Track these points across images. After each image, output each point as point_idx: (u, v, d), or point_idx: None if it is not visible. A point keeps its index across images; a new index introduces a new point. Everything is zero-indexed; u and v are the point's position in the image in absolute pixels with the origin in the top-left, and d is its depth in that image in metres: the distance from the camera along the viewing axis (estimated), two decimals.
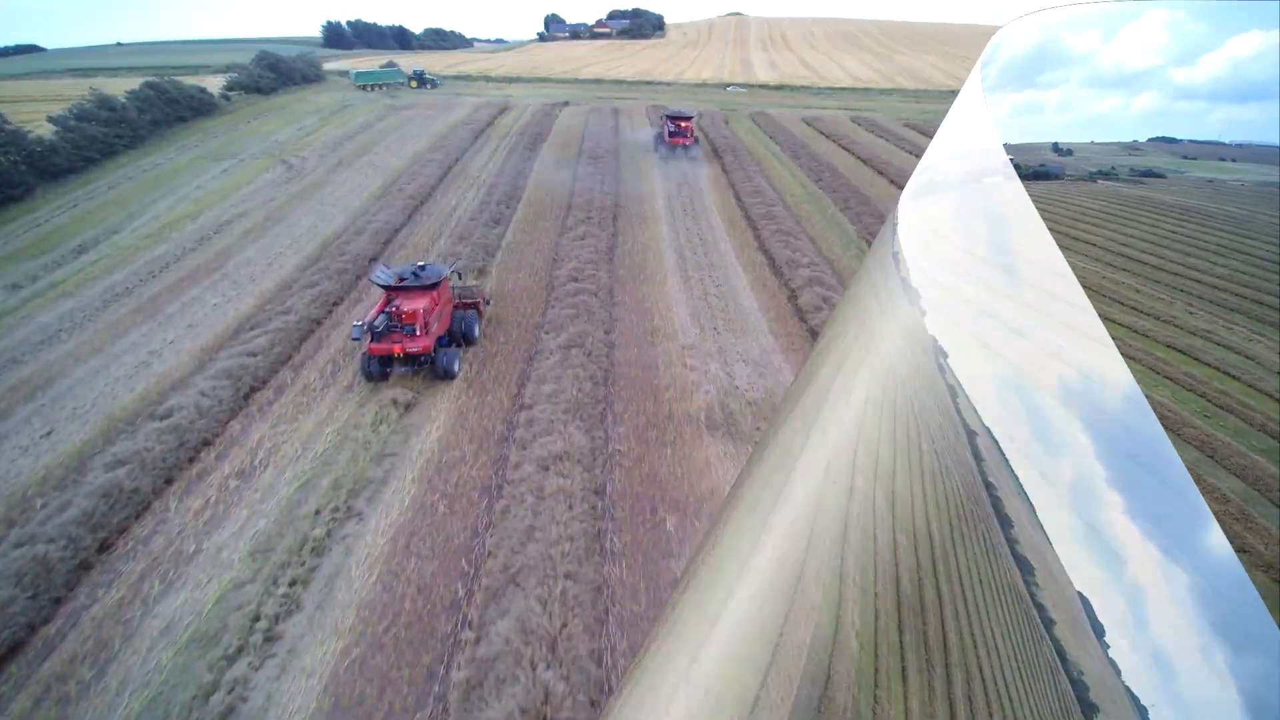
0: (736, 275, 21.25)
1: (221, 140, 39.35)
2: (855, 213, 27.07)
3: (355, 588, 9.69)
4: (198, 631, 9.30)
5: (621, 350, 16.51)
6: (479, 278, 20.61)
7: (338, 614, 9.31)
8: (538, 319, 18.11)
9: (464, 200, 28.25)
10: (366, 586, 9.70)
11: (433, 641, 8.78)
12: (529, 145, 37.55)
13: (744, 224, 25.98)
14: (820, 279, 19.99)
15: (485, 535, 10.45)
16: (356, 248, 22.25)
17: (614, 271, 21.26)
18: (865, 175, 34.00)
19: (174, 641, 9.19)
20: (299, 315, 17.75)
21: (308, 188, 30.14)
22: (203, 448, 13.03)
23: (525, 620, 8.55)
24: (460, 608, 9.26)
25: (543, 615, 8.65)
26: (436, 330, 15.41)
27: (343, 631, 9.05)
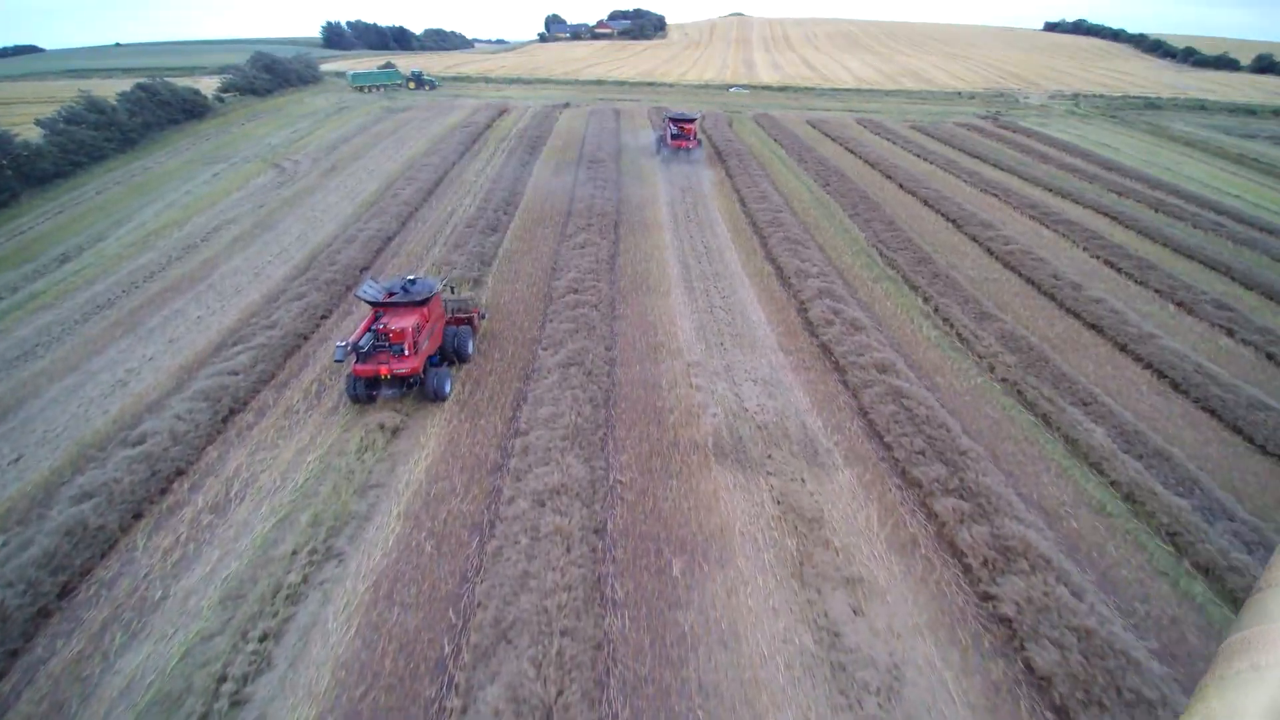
0: (743, 286, 20.37)
1: (214, 143, 38.52)
2: (864, 219, 26.17)
3: (332, 643, 8.82)
4: (160, 692, 8.44)
5: (623, 368, 15.63)
6: (474, 289, 19.75)
7: (311, 674, 8.45)
8: (535, 333, 17.24)
9: (460, 207, 27.39)
10: (344, 642, 8.83)
11: (414, 709, 7.91)
12: (528, 149, 36.68)
13: (750, 231, 25.09)
14: (830, 290, 19.11)
15: (475, 581, 9.58)
16: (347, 257, 21.39)
17: (615, 282, 20.39)
18: (873, 179, 33.09)
19: (134, 704, 8.33)
20: (284, 330, 16.89)
21: (299, 193, 29.29)
22: (176, 478, 12.17)
23: (517, 686, 7.68)
24: (446, 668, 8.38)
25: (536, 680, 7.77)
26: (427, 349, 14.56)
27: (316, 695, 8.18)
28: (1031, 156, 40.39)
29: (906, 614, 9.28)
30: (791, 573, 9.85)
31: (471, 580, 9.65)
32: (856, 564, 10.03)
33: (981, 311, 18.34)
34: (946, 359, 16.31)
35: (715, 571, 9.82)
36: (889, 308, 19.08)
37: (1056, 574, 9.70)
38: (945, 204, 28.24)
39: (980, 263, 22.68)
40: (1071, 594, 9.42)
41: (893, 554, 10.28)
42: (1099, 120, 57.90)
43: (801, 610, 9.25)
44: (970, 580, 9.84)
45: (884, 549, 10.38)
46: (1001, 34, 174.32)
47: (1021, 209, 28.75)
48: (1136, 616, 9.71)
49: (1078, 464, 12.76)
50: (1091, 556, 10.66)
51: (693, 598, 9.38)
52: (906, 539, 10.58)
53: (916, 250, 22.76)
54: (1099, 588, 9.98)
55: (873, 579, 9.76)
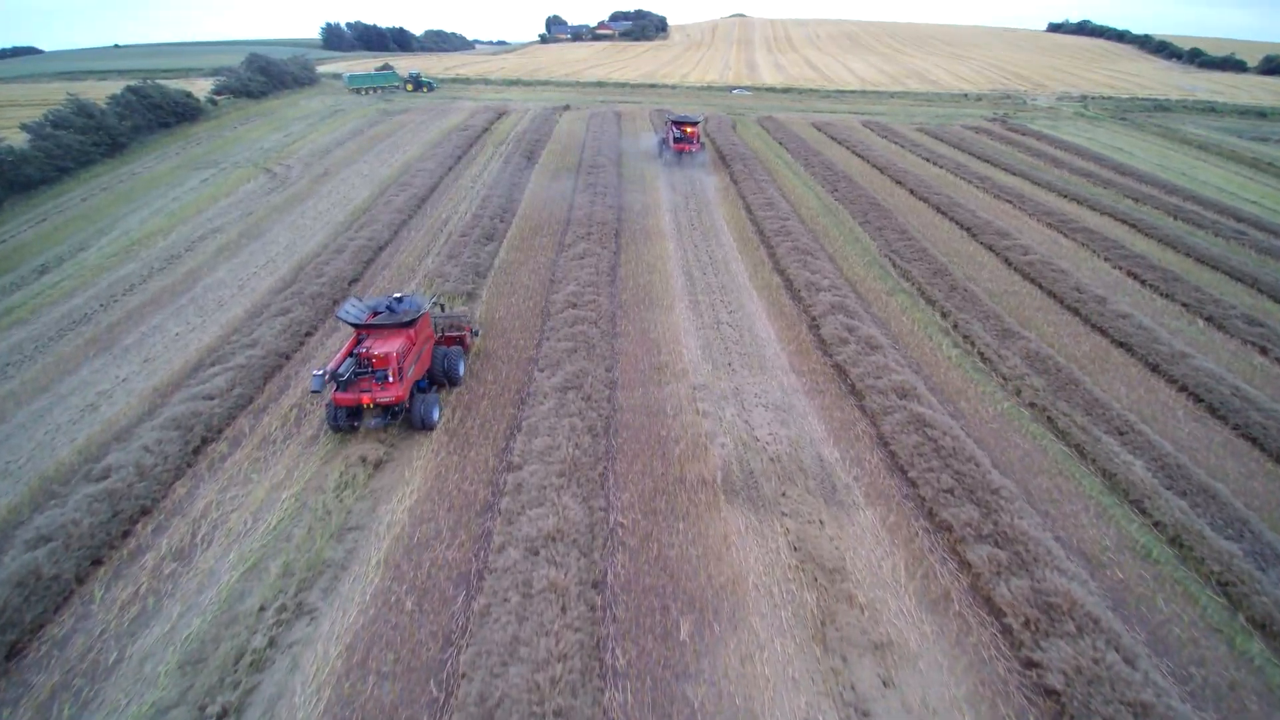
0: (751, 300, 19.38)
1: (205, 147, 37.59)
2: (876, 227, 25.18)
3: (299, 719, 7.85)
4: None
5: (625, 392, 14.65)
6: (468, 303, 18.78)
7: None
8: (531, 352, 16.27)
9: (455, 214, 26.43)
10: (313, 718, 7.86)
11: None
12: (526, 153, 35.71)
13: (757, 240, 24.11)
14: (844, 305, 18.12)
15: (460, 645, 8.60)
16: (335, 269, 20.43)
17: (616, 296, 19.42)
18: (883, 185, 32.10)
19: None
20: (266, 349, 15.92)
21: (289, 200, 28.35)
22: (140, 518, 11.20)
23: None
24: None
25: None
26: (414, 374, 13.60)
27: None
28: (1043, 160, 39.39)
29: (942, 685, 8.29)
30: (813, 635, 8.86)
31: (456, 644, 8.67)
32: (884, 624, 9.04)
33: (1004, 328, 17.34)
34: (970, 381, 15.32)
35: (728, 634, 8.84)
36: (905, 324, 18.08)
37: (1106, 636, 8.70)
38: (959, 211, 27.25)
39: (999, 274, 21.68)
40: (1124, 660, 8.43)
41: (924, 611, 9.29)
42: (1108, 123, 56.89)
43: (825, 681, 8.26)
44: (1011, 644, 8.85)
45: (914, 605, 9.38)
46: (1005, 34, 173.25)
47: (1038, 216, 27.76)
48: (1193, 684, 8.72)
49: (1118, 502, 11.77)
50: (1140, 612, 9.67)
51: (703, 666, 8.39)
52: (938, 593, 9.59)
53: (932, 261, 21.76)
54: (1151, 649, 8.99)
55: (903, 642, 8.77)
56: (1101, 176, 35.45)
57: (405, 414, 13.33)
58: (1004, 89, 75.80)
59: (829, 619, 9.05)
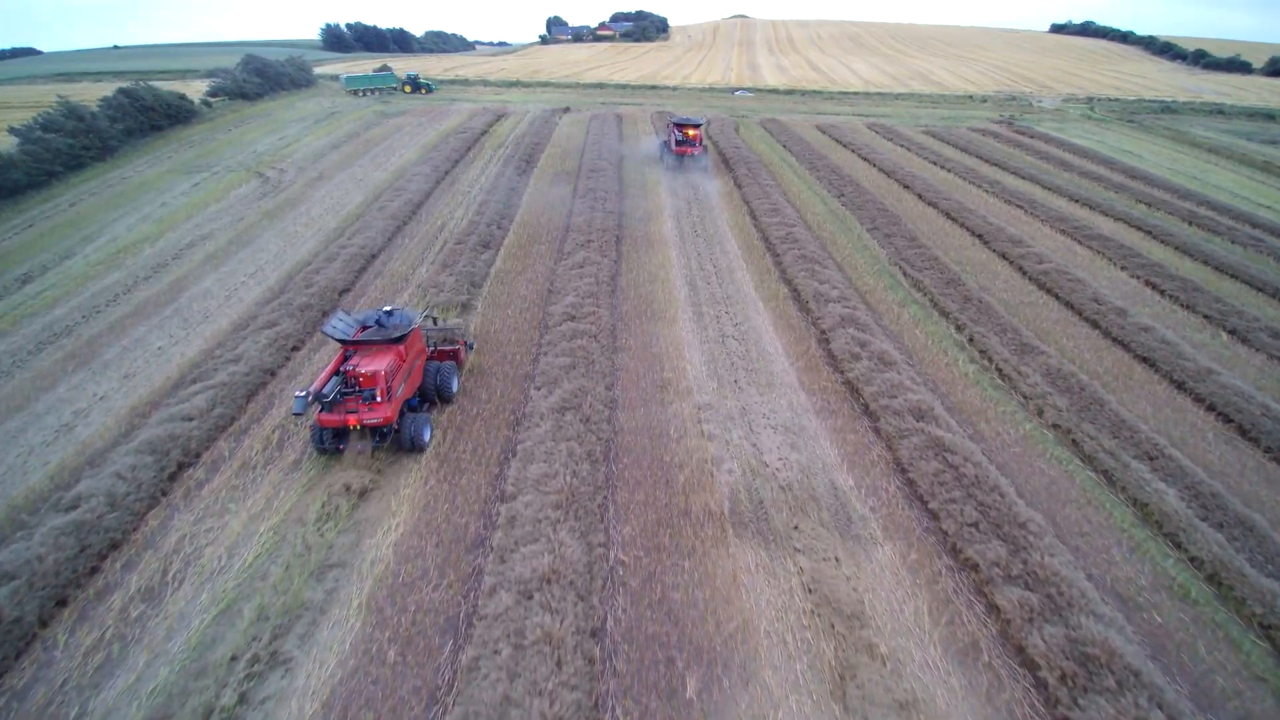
0: (757, 312, 18.65)
1: (197, 150, 36.89)
2: (885, 234, 24.45)
3: None
4: None
5: (625, 412, 13.93)
6: (462, 315, 18.08)
7: None
8: (527, 368, 15.55)
9: (451, 220, 25.71)
10: None
11: None
12: (525, 157, 34.99)
13: (762, 248, 23.38)
14: (854, 318, 17.39)
15: (446, 704, 7.87)
16: (326, 278, 19.72)
17: (617, 307, 18.70)
18: (890, 190, 31.36)
19: None
20: (250, 365, 15.22)
21: (281, 205, 27.64)
22: (109, 552, 10.50)
23: None
24: None
25: None
26: (404, 393, 12.90)
27: None
28: (1052, 164, 38.66)
29: None
30: (831, 691, 8.13)
31: (441, 701, 7.95)
32: (908, 678, 8.30)
33: (1022, 343, 16.61)
34: (989, 401, 14.58)
35: (738, 690, 8.10)
36: (919, 338, 17.35)
37: (1148, 691, 7.98)
38: (970, 217, 26.51)
39: (1013, 284, 20.94)
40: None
41: (951, 663, 8.55)
42: (1116, 125, 56.14)
43: None
44: (1047, 701, 8.12)
45: (940, 655, 8.65)
46: (1008, 36, 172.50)
47: (1050, 222, 27.02)
48: None
49: (1151, 535, 11.04)
50: (1181, 661, 8.93)
51: None
52: (966, 642, 8.86)
53: (944, 270, 21.03)
54: (1195, 705, 8.26)
55: (930, 700, 8.03)
56: (1112, 181, 34.70)
57: (394, 435, 12.63)
58: (1009, 91, 75.04)
59: (849, 673, 8.32)
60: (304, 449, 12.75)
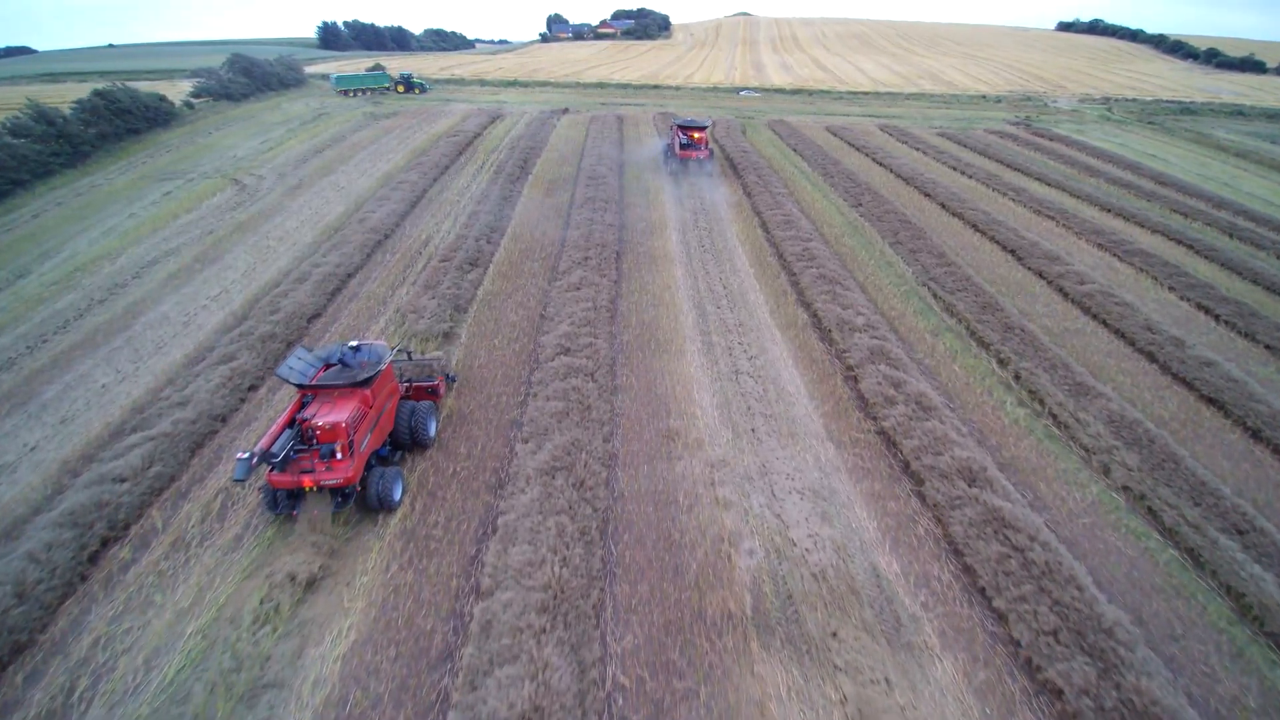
0: (774, 342, 16.71)
1: (173, 156, 34.92)
2: (909, 249, 22.49)
3: None
4: None
5: (627, 471, 12.01)
6: (443, 345, 16.17)
7: None
8: (514, 413, 13.64)
9: (437, 233, 23.77)
10: None
11: None
12: (519, 163, 32.98)
13: (776, 265, 21.41)
14: (884, 350, 15.45)
15: None
16: (294, 303, 17.81)
17: (617, 336, 16.77)
18: (910, 198, 29.37)
19: None
20: (198, 410, 13.33)
21: (256, 216, 25.71)
22: (12, 659, 8.64)
23: None
24: None
25: None
26: (371, 444, 11.05)
27: None
28: (1077, 169, 36.65)
29: None
30: None
31: None
32: None
33: (1075, 381, 14.66)
34: (1046, 456, 12.64)
35: None
36: (958, 375, 15.41)
37: None
38: (999, 230, 24.54)
39: (1055, 308, 18.98)
40: None
41: None
42: (1136, 127, 54.07)
43: None
44: None
45: None
46: (1017, 34, 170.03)
47: (1085, 235, 25.04)
48: None
49: (1252, 636, 9.13)
50: None
51: None
52: None
53: (978, 292, 19.09)
54: None
55: None
56: (1142, 188, 32.70)
57: (359, 495, 10.77)
58: (1023, 90, 72.90)
59: None
60: (249, 519, 10.85)
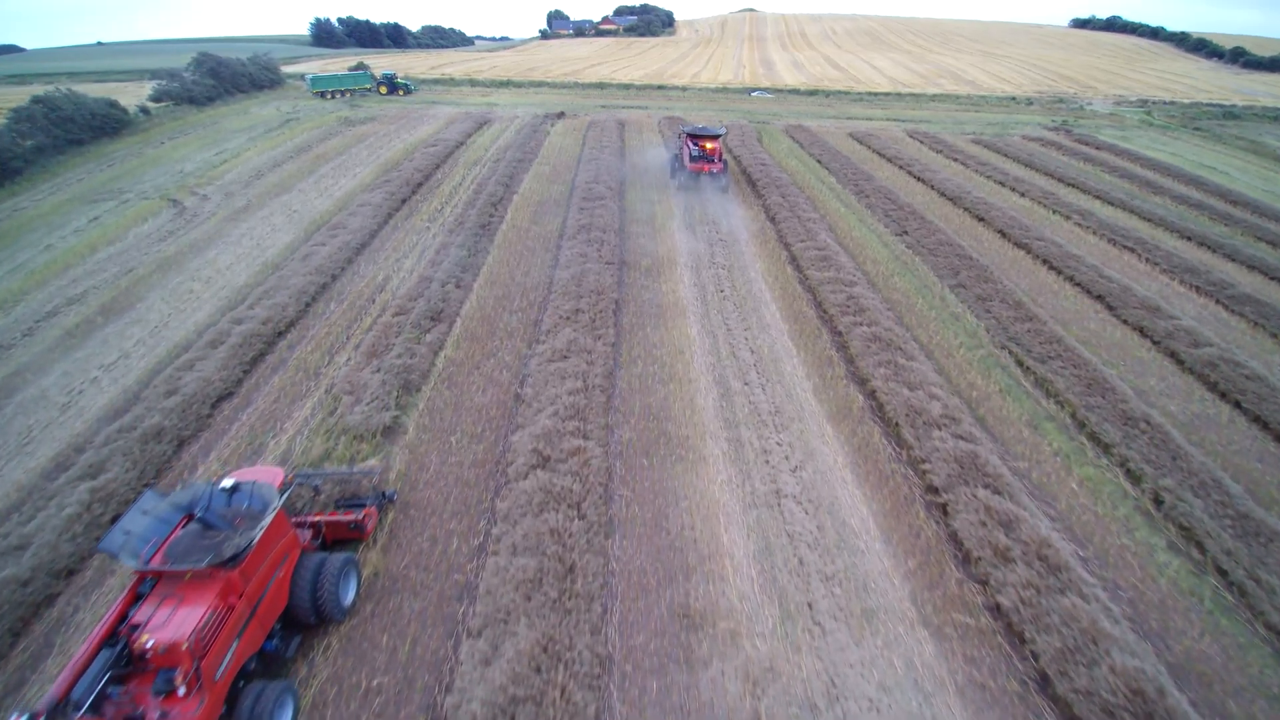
0: (823, 442, 12.54)
1: (114, 171, 30.72)
2: (976, 295, 18.28)
3: None
4: None
5: (627, 690, 7.89)
6: (381, 448, 12.06)
7: None
8: (465, 575, 9.53)
9: (396, 274, 19.58)
10: None
11: None
12: (505, 179, 28.66)
13: (815, 319, 17.20)
14: (976, 460, 11.29)
15: None
16: (199, 378, 13.69)
17: (614, 433, 12.63)
18: (961, 223, 25.13)
19: None
20: (36, 561, 9.34)
21: (187, 248, 21.57)
22: None
23: None
24: None
25: None
26: (241, 654, 7.13)
27: None
28: (1136, 184, 32.35)
29: None
30: None
31: None
32: None
33: (1238, 511, 10.51)
34: (1238, 659, 8.45)
35: None
36: (1082, 501, 11.22)
37: None
38: (1078, 268, 20.28)
39: (1174, 383, 14.78)
40: None
41: None
42: (1182, 133, 49.68)
43: None
44: None
45: None
46: (1031, 31, 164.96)
47: (1175, 274, 20.77)
48: None
49: None
50: None
51: None
52: None
53: (1075, 359, 14.91)
54: None
55: None
56: (1214, 209, 28.43)
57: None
58: (1052, 91, 68.42)
59: None
60: None
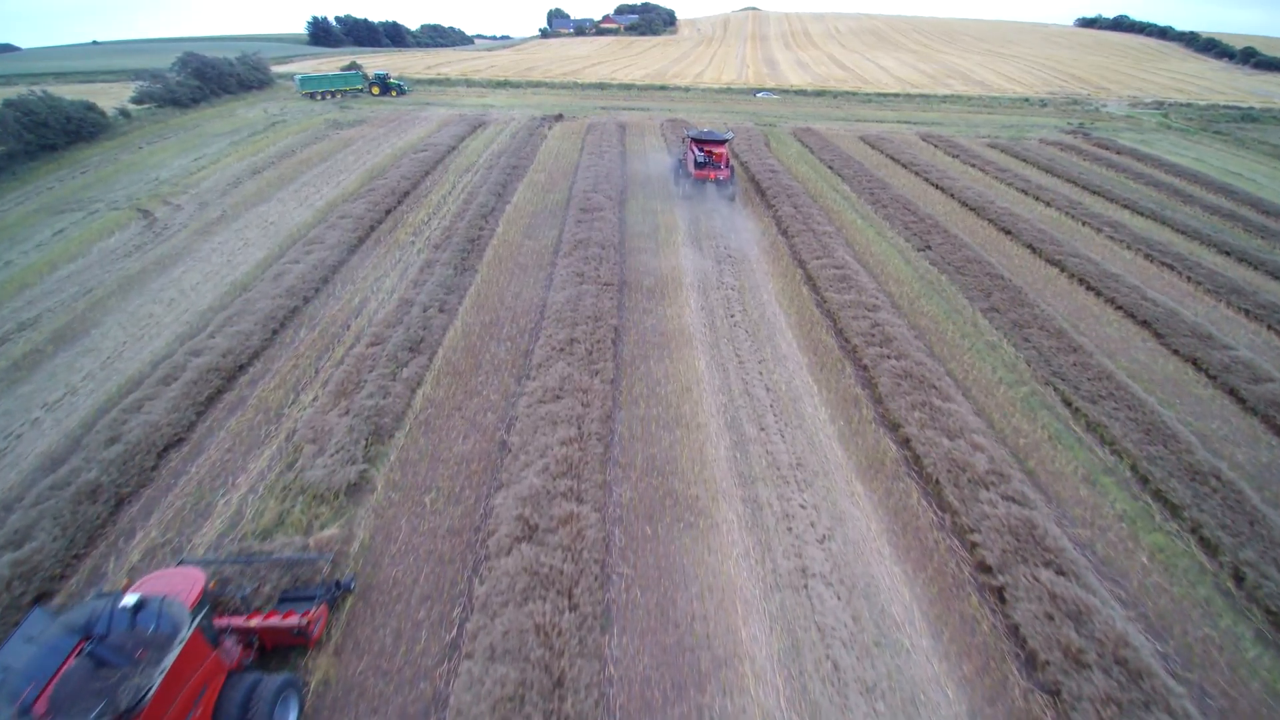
0: (854, 504, 10.91)
1: (86, 179, 29.05)
2: (1011, 320, 16.64)
3: None
4: None
5: None
6: (345, 508, 10.46)
7: None
8: (437, 680, 7.93)
9: (375, 296, 17.93)
10: None
11: None
12: (497, 188, 26.99)
13: (836, 349, 15.54)
14: (1034, 530, 9.67)
15: None
16: (146, 422, 12.08)
17: (612, 492, 11.02)
18: (987, 236, 23.46)
19: None
20: None
21: (153, 265, 19.95)
22: None
23: None
24: None
25: None
26: None
27: None
28: (1164, 193, 30.67)
29: None
30: None
31: None
32: None
33: None
34: None
35: None
36: (1155, 579, 9.58)
37: None
38: (1118, 289, 18.62)
39: (1237, 425, 13.14)
40: None
41: None
42: (1203, 137, 47.93)
43: None
44: None
45: None
46: (1038, 30, 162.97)
47: (1221, 296, 19.08)
48: None
49: None
50: None
51: None
52: None
53: (1129, 399, 13.28)
54: None
55: None
56: (1249, 220, 26.74)
57: None
58: (1064, 92, 66.68)
59: None
60: None
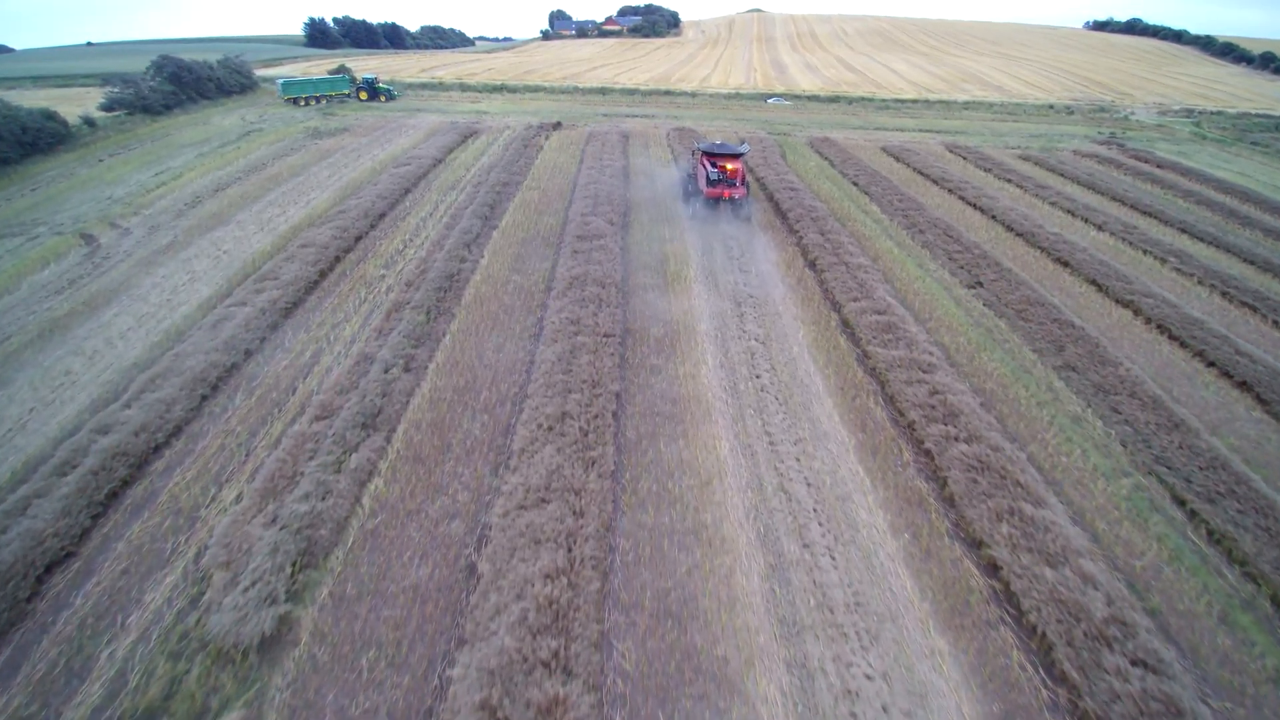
0: (938, 672, 8.11)
1: (34, 198, 26.24)
2: (1094, 384, 13.83)
3: None
4: None
5: None
6: (255, 673, 7.73)
7: None
8: None
9: (330, 348, 15.12)
10: None
11: None
12: (484, 210, 23.98)
13: (889, 425, 12.71)
14: (1174, 708, 6.91)
15: None
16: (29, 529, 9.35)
17: (612, 652, 8.25)
18: (1041, 268, 20.62)
19: None
20: None
21: (82, 306, 17.17)
22: None
23: None
24: None
25: None
26: None
27: None
28: (1218, 214, 27.86)
29: None
30: None
31: None
32: None
33: None
34: None
35: None
36: None
37: None
38: (1207, 341, 15.77)
39: None
40: None
41: None
42: (1242, 149, 45.09)
43: None
44: None
45: None
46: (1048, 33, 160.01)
47: None
48: None
49: None
50: None
51: None
52: None
53: (1254, 498, 10.53)
54: None
55: None
56: None
57: None
58: (1086, 98, 63.84)
59: None
60: None
